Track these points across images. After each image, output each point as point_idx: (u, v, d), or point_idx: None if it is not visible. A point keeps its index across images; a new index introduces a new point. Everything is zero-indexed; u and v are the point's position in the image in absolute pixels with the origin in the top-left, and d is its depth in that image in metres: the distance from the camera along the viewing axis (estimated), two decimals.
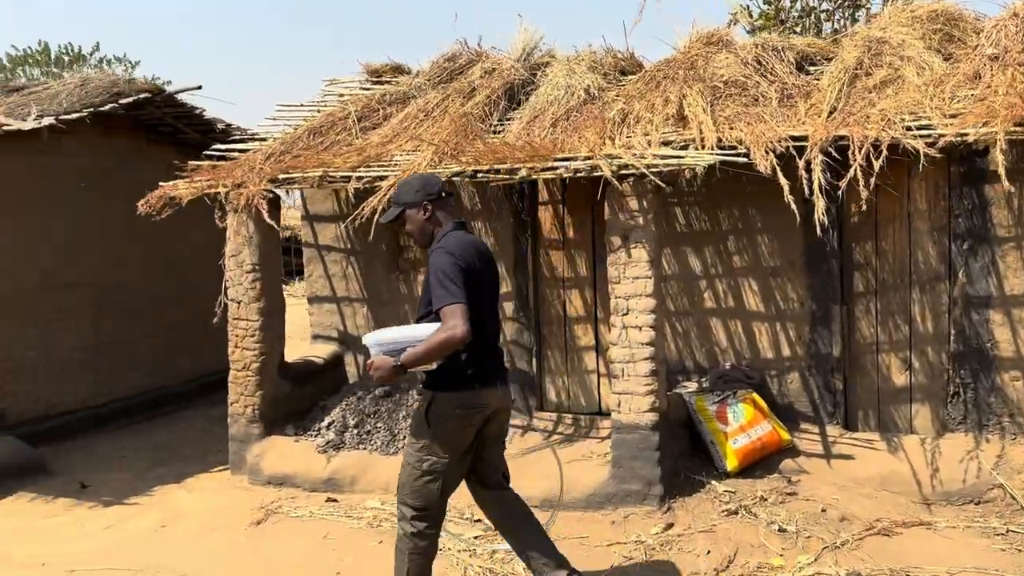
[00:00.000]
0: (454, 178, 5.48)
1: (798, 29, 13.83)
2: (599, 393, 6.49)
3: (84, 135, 7.39)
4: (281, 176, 5.98)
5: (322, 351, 7.15)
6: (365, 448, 6.19)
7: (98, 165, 7.78)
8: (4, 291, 6.87)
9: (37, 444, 6.86)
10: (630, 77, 6.89)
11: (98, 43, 38.08)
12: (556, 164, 5.25)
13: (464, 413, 3.65)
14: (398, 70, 8.10)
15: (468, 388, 3.63)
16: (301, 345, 10.08)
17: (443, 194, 3.78)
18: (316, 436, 6.42)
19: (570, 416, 6.51)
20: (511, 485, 4.07)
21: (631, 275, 5.18)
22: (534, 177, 5.22)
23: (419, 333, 3.52)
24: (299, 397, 6.71)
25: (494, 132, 6.33)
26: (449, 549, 4.92)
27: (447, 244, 3.63)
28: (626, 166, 5.04)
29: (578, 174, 5.19)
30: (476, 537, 5.07)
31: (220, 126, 8.33)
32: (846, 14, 14.67)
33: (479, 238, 3.82)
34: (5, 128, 6.09)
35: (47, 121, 6.33)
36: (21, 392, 7.06)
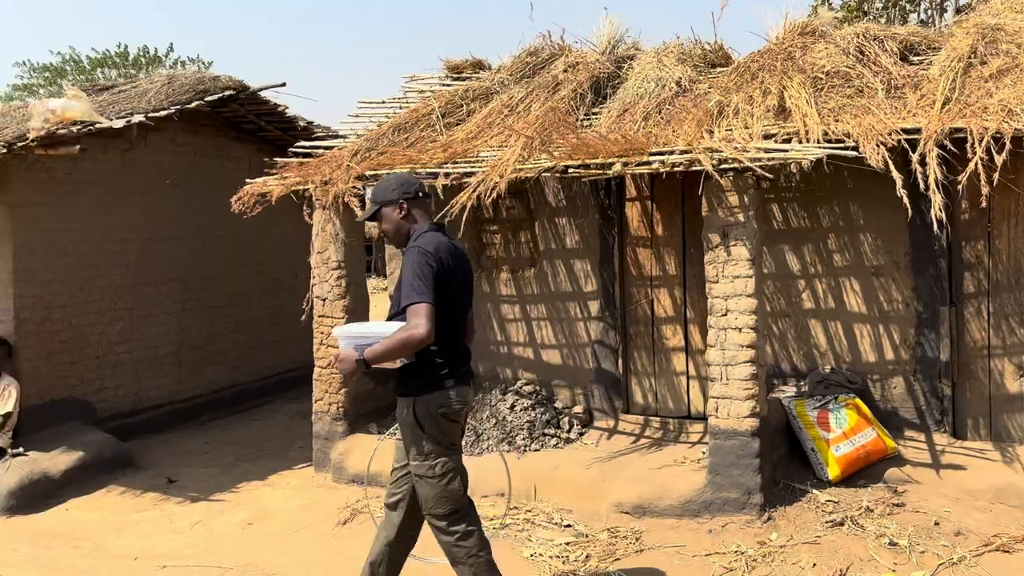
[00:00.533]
0: (544, 174, 5.34)
1: (882, 21, 13.35)
2: (688, 396, 6.28)
3: (170, 132, 7.48)
4: (368, 172, 5.92)
5: None
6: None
7: (182, 162, 7.86)
8: (95, 286, 6.97)
9: (125, 438, 6.94)
10: (721, 69, 6.67)
11: (172, 44, 38.94)
12: (651, 158, 5.07)
13: (447, 412, 3.62)
14: (478, 66, 8.02)
15: (445, 388, 3.61)
16: None
17: (420, 194, 3.76)
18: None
19: (657, 419, 6.32)
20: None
21: (730, 274, 4.97)
22: (629, 172, 5.05)
23: (385, 329, 3.49)
24: (380, 395, 6.66)
25: (581, 126, 6.17)
26: (541, 555, 4.80)
27: (422, 243, 3.57)
28: (727, 159, 4.83)
29: (675, 168, 5.00)
30: (568, 543, 4.93)
31: (301, 123, 8.33)
32: (933, 5, 14.12)
33: (455, 240, 3.78)
34: (98, 126, 6.14)
35: (137, 119, 6.38)
36: (110, 386, 7.16)
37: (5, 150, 5.65)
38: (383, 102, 7.64)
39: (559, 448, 6.09)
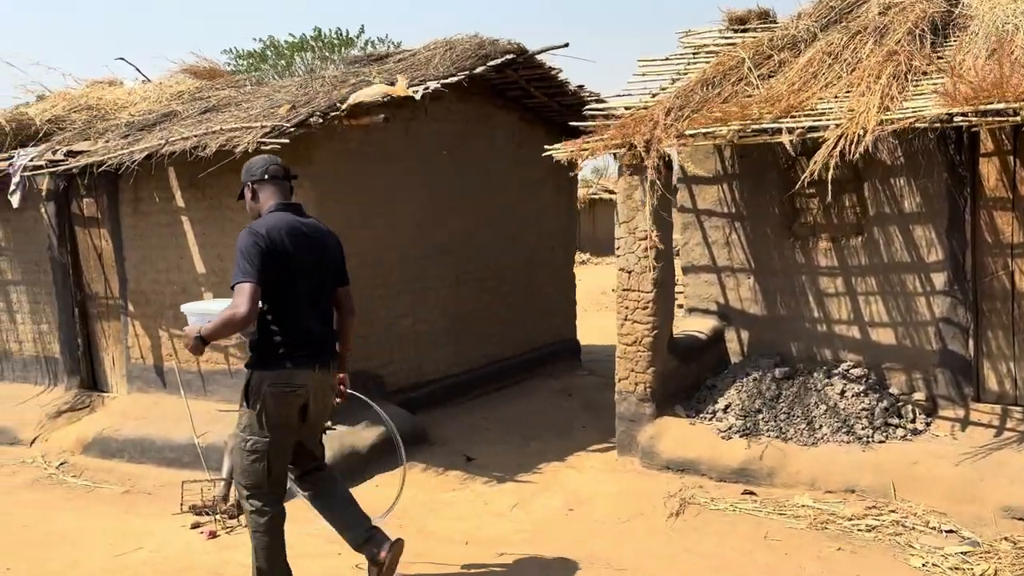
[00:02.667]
0: (919, 124, 4.60)
1: None
2: None
3: (445, 100, 7.25)
4: (689, 132, 5.38)
5: (701, 326, 6.55)
6: (777, 436, 5.51)
7: (454, 131, 7.65)
8: (383, 259, 6.88)
9: (412, 412, 6.84)
10: None
11: (363, 27, 40.08)
12: None
13: (277, 391, 3.65)
14: (764, 16, 7.30)
15: (280, 367, 3.65)
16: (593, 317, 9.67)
17: (266, 176, 3.81)
18: (712, 419, 5.84)
19: (1019, 410, 5.45)
20: None
21: None
22: None
23: (223, 307, 3.60)
24: (684, 375, 6.17)
25: (938, 70, 5.35)
26: (936, 566, 4.14)
27: (256, 224, 3.67)
28: None
29: None
30: (964, 553, 4.24)
31: (571, 88, 7.92)
32: None
33: (311, 221, 3.79)
34: (393, 95, 5.96)
35: (433, 86, 6.16)
36: (397, 360, 7.08)
37: (321, 120, 5.55)
38: (666, 59, 7.08)
39: (907, 440, 5.36)
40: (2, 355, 8.37)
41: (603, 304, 15.59)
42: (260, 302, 3.56)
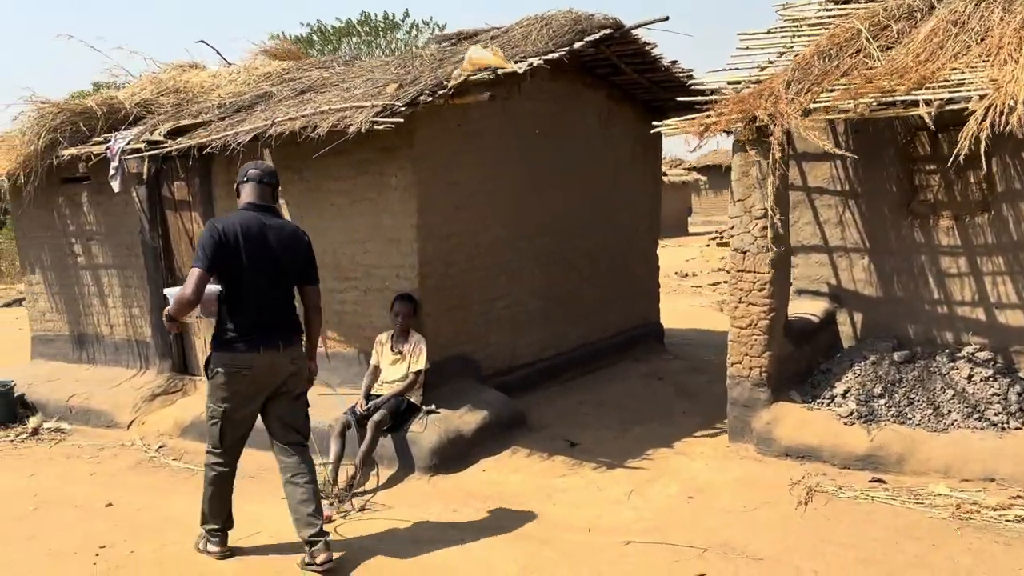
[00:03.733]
0: None
1: None
2: None
3: (538, 78, 7.02)
4: (812, 105, 5.17)
5: (811, 308, 6.34)
6: (902, 422, 5.31)
7: (546, 110, 7.48)
8: (481, 240, 6.76)
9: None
10: None
11: (407, 10, 39.96)
12: None
13: (227, 370, 4.20)
14: None
15: (231, 350, 4.20)
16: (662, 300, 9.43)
17: (246, 178, 4.31)
18: (830, 404, 5.64)
19: None
20: None
21: None
22: None
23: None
24: (798, 359, 5.97)
25: None
26: None
27: (219, 218, 4.25)
28: None
29: None
30: None
31: (664, 64, 7.69)
32: None
33: (278, 222, 4.32)
34: (501, 71, 5.81)
35: (537, 62, 6.00)
36: (493, 343, 6.97)
37: (430, 98, 5.43)
38: (768, 32, 6.84)
39: None
40: (94, 338, 8.44)
41: (669, 287, 15.37)
42: (221, 291, 4.18)
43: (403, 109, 5.30)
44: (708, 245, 21.95)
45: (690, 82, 8.02)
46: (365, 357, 6.47)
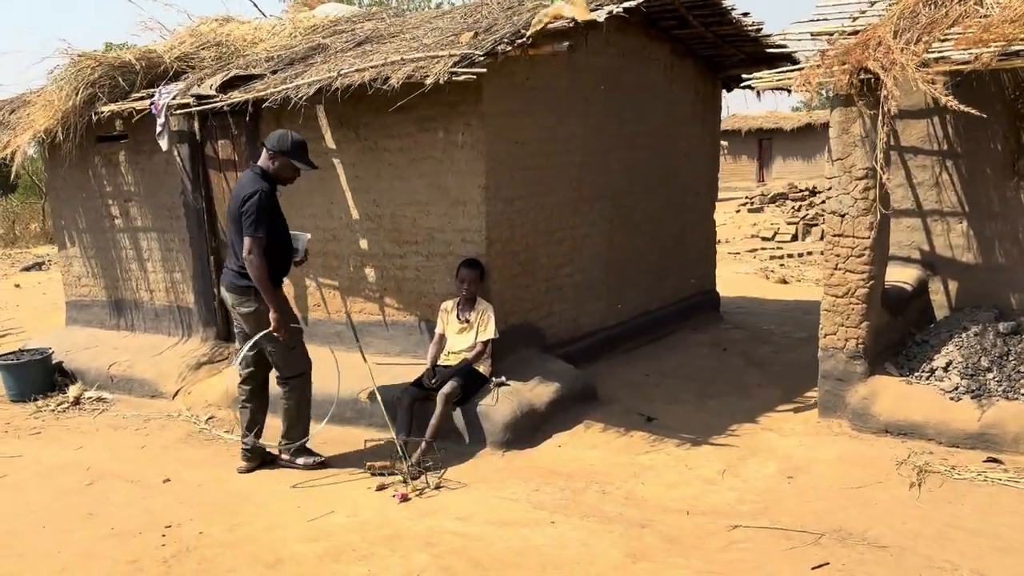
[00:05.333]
0: None
1: None
2: None
3: (603, 31, 6.61)
4: (933, 55, 4.75)
5: (903, 275, 5.97)
6: (1014, 398, 4.96)
7: (612, 65, 7.06)
8: (546, 203, 6.38)
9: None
10: None
11: None
12: None
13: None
14: None
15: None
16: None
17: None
18: (930, 378, 5.30)
19: None
20: None
21: None
22: None
23: None
24: (892, 330, 5.62)
25: None
26: None
27: None
28: None
29: None
30: None
31: (734, 16, 7.23)
32: None
33: (243, 174, 5.17)
34: (581, 20, 5.39)
35: (617, 10, 5.58)
36: (557, 312, 6.63)
37: (509, 47, 5.02)
38: None
39: None
40: (132, 305, 8.11)
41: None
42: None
43: (483, 58, 4.90)
44: (738, 211, 21.49)
45: (759, 35, 7.61)
46: (427, 326, 6.14)
